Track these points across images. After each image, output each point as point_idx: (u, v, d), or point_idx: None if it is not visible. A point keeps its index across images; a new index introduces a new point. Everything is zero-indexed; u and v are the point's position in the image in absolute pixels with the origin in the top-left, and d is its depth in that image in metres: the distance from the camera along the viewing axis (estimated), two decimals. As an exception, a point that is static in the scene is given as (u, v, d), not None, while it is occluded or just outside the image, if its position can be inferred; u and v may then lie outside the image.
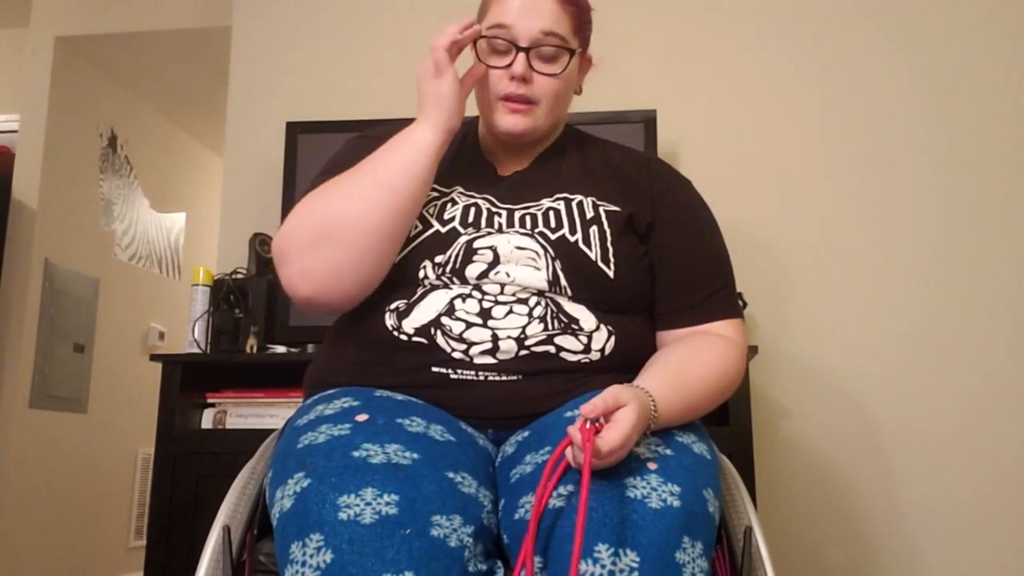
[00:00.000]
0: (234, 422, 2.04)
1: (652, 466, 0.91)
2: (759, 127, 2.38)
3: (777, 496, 2.18)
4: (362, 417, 1.00)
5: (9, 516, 3.06)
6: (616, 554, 0.83)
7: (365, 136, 1.23)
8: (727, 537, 1.06)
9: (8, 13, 3.75)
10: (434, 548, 0.84)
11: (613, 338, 1.09)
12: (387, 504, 0.86)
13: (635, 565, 0.83)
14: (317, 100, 2.55)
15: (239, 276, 2.18)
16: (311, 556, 0.85)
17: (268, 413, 2.04)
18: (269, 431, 1.25)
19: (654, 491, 0.88)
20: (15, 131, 3.41)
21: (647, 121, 2.20)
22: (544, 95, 1.16)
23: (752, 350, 1.99)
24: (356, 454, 0.93)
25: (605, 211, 1.14)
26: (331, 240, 1.06)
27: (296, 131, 2.33)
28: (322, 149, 2.26)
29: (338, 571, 0.83)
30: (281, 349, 2.15)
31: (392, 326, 1.08)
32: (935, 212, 2.28)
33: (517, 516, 0.92)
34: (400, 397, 1.05)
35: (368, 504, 0.86)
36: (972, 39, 2.35)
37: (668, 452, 0.95)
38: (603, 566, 0.83)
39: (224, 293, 2.13)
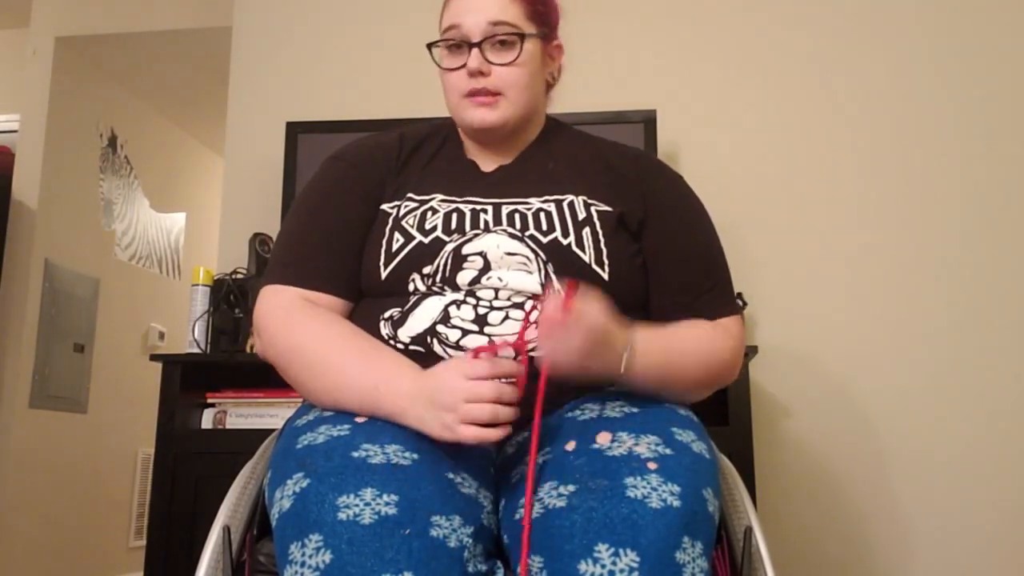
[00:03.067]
0: (234, 422, 2.04)
1: (652, 466, 0.91)
2: (759, 127, 2.38)
3: (777, 496, 2.18)
4: (361, 418, 0.99)
5: (9, 516, 3.06)
6: (616, 554, 0.83)
7: (340, 159, 1.21)
8: (727, 537, 1.05)
9: (8, 13, 3.75)
10: (434, 548, 0.84)
11: None
12: (387, 504, 0.86)
13: (635, 565, 0.83)
14: (317, 100, 2.55)
15: (239, 276, 2.18)
16: (310, 556, 0.85)
17: (268, 413, 2.04)
18: (269, 431, 1.25)
19: (654, 491, 0.88)
20: (15, 131, 3.41)
21: (647, 121, 2.20)
22: (506, 85, 1.15)
23: (752, 350, 1.99)
24: (355, 454, 0.93)
25: (597, 211, 1.12)
26: (288, 376, 1.08)
27: (296, 131, 2.33)
28: (322, 149, 2.25)
29: (337, 571, 0.83)
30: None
31: (387, 335, 1.07)
32: (937, 212, 2.28)
33: (517, 516, 0.92)
34: None
35: (367, 504, 0.86)
36: (973, 39, 2.35)
37: (668, 451, 0.95)
38: (603, 566, 0.83)
39: (224, 293, 2.13)
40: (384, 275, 1.09)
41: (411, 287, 1.08)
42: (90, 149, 3.56)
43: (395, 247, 1.10)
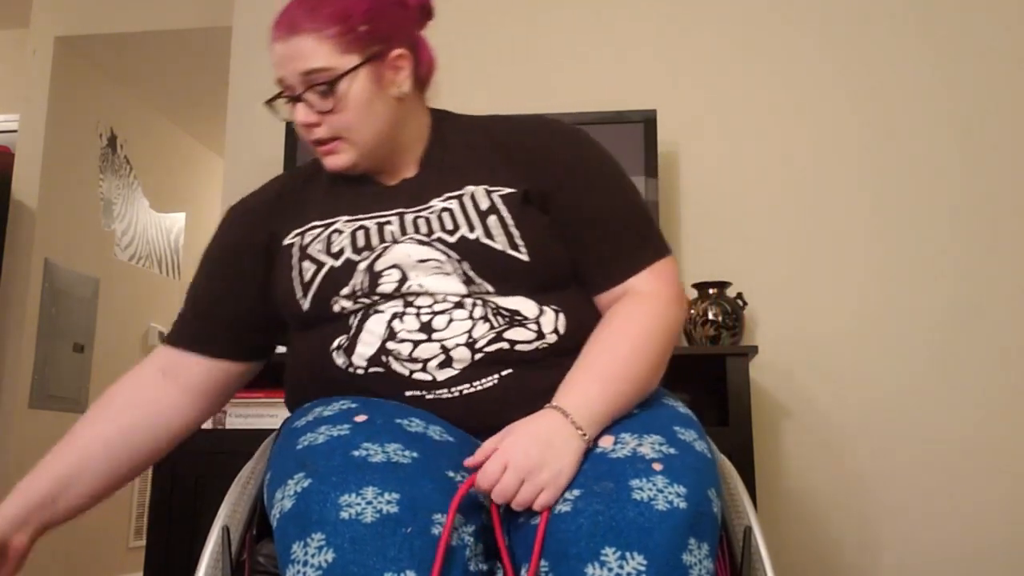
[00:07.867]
0: (234, 422, 2.04)
1: (657, 467, 0.91)
2: (759, 127, 2.38)
3: (777, 496, 2.18)
4: (361, 418, 0.99)
5: (9, 516, 3.05)
6: (623, 557, 0.83)
7: (225, 217, 1.29)
8: (727, 537, 1.05)
9: (8, 13, 3.75)
10: (435, 547, 0.84)
11: (562, 315, 1.06)
12: (388, 503, 0.86)
13: (642, 568, 0.83)
14: (317, 100, 2.54)
15: (239, 276, 2.18)
16: (313, 556, 0.85)
17: (268, 413, 2.04)
18: (269, 431, 1.25)
19: (660, 493, 0.88)
20: (15, 131, 3.41)
21: (647, 121, 2.20)
22: (338, 130, 1.12)
23: (752, 350, 1.99)
24: (356, 453, 0.93)
25: (500, 196, 1.09)
26: None
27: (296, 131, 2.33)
28: (322, 149, 2.26)
29: (340, 570, 0.83)
30: (281, 349, 2.14)
31: (343, 364, 1.06)
32: (936, 211, 2.28)
33: (520, 519, 0.92)
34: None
35: (369, 503, 0.86)
36: (973, 40, 2.35)
37: (672, 451, 0.94)
38: (610, 569, 0.83)
39: (224, 293, 2.13)
40: (306, 307, 1.09)
41: (336, 309, 1.07)
42: (90, 149, 3.56)
43: (307, 277, 1.09)
